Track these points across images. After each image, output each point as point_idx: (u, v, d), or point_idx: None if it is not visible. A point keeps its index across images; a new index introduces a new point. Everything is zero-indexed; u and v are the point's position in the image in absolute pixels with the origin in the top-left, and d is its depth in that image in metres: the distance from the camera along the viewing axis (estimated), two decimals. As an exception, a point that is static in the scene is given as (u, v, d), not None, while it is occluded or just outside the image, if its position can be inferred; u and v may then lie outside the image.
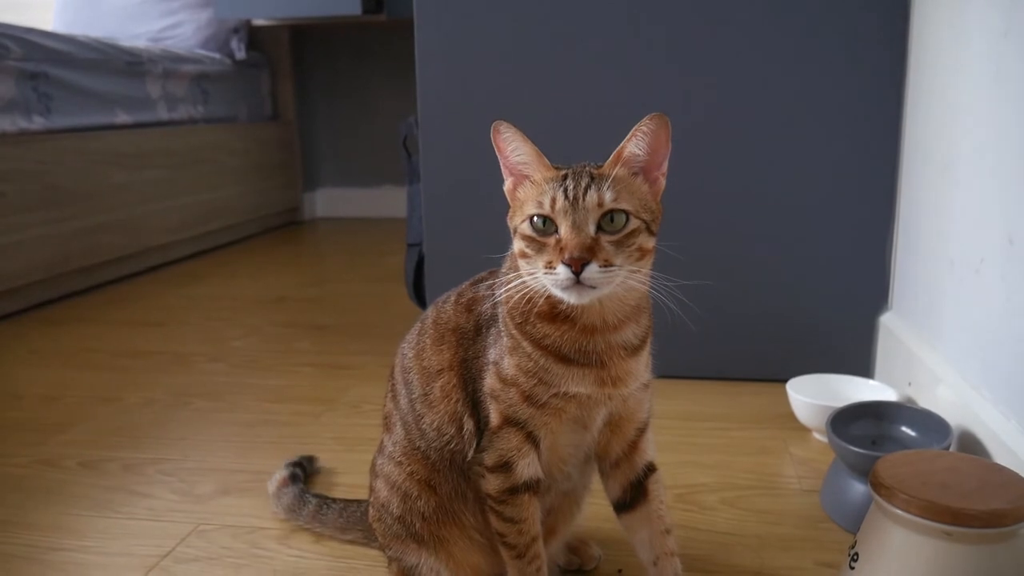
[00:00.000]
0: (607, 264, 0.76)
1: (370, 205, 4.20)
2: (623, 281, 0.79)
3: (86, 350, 2.08)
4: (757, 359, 1.71)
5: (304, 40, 4.15)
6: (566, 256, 0.76)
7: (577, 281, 0.75)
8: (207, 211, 3.39)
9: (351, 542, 1.13)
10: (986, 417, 1.12)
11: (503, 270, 0.88)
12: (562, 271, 0.76)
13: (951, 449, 1.16)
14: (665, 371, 1.42)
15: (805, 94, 1.60)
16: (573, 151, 0.90)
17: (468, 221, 1.73)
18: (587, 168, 0.81)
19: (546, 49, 1.68)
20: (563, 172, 0.81)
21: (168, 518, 1.22)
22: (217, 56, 3.61)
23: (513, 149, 0.84)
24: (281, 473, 1.25)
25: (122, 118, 2.93)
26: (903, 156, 1.58)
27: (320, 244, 3.82)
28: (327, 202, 4.33)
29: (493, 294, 0.87)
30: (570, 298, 0.78)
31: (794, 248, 1.66)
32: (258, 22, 3.88)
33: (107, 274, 2.82)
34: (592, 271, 0.75)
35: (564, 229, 0.77)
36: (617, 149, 0.82)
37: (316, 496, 1.18)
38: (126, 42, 3.10)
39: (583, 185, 0.78)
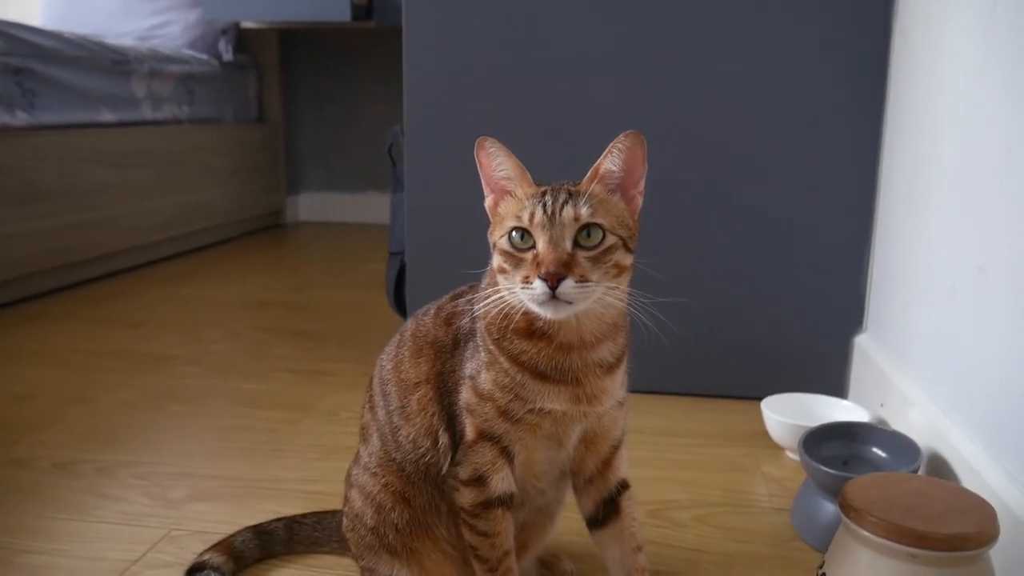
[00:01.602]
0: (583, 279, 0.77)
1: (354, 210, 4.20)
2: (600, 298, 0.80)
3: (62, 349, 2.07)
4: (733, 377, 1.73)
5: (292, 43, 4.15)
6: (542, 271, 0.77)
7: (553, 296, 0.76)
8: (189, 212, 3.38)
9: (326, 552, 1.13)
10: (954, 440, 1.14)
11: (482, 285, 0.89)
12: (539, 285, 0.77)
13: (920, 471, 1.17)
14: (641, 387, 1.43)
15: (785, 117, 1.63)
16: (559, 164, 0.91)
17: (450, 232, 1.73)
18: (565, 185, 0.82)
19: (534, 63, 1.69)
20: (542, 189, 0.82)
21: (140, 523, 1.21)
22: (204, 57, 3.60)
23: (498, 164, 0.85)
24: None
25: (106, 116, 2.92)
26: (880, 181, 1.61)
27: (302, 248, 3.81)
28: (311, 206, 4.32)
29: (472, 309, 0.88)
30: (546, 313, 0.79)
31: (772, 268, 1.68)
32: (247, 24, 3.87)
33: (86, 273, 2.80)
34: (568, 286, 0.76)
35: (541, 244, 0.78)
36: (594, 166, 0.83)
37: (273, 527, 1.13)
38: (113, 40, 3.08)
39: (560, 201, 0.80)
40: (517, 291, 0.79)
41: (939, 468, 1.17)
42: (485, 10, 1.69)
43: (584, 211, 0.79)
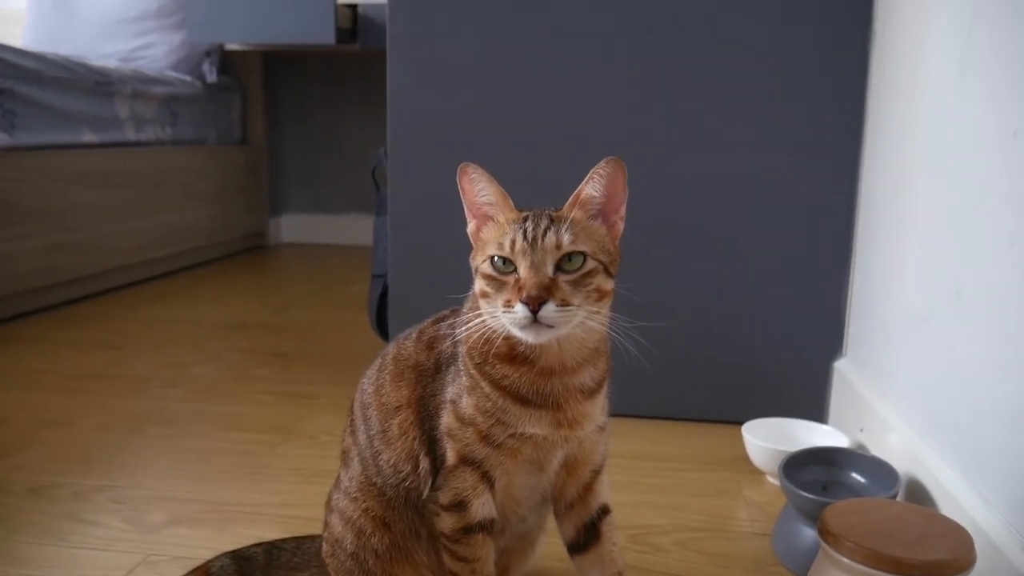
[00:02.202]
0: (564, 304, 0.78)
1: (337, 232, 4.19)
2: (582, 322, 0.80)
3: (39, 372, 2.05)
4: (714, 401, 1.73)
5: (276, 66, 4.17)
6: (524, 295, 0.77)
7: (535, 320, 0.77)
8: (172, 233, 3.37)
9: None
10: (932, 466, 1.15)
11: (464, 310, 0.89)
12: (520, 310, 0.77)
13: (899, 496, 1.18)
14: (623, 411, 1.43)
15: (764, 143, 1.65)
16: (542, 188, 0.92)
17: (433, 255, 1.74)
18: (546, 211, 0.83)
19: (518, 87, 1.70)
20: (524, 215, 0.83)
21: (117, 548, 1.20)
22: (188, 79, 3.61)
23: (480, 190, 0.86)
24: None
25: (89, 137, 2.91)
26: (859, 206, 1.63)
27: (285, 270, 3.80)
28: (293, 228, 4.31)
29: (454, 333, 0.88)
30: (528, 337, 0.79)
31: (753, 294, 1.69)
32: (231, 46, 3.88)
33: (66, 294, 2.78)
34: (549, 310, 0.77)
35: (523, 269, 0.79)
36: (575, 192, 0.84)
37: (252, 552, 1.11)
38: (96, 61, 3.08)
39: (542, 227, 0.80)
40: (499, 315, 0.80)
41: (917, 493, 1.18)
42: (469, 35, 1.70)
43: (566, 238, 0.80)
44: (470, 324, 0.83)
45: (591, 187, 0.84)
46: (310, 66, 4.14)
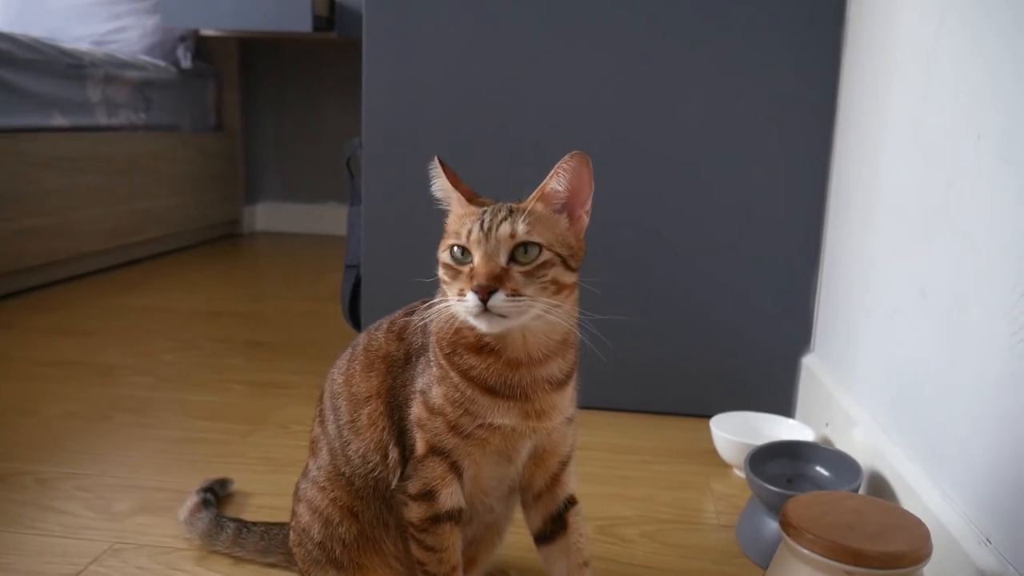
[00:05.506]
0: (515, 294, 0.78)
1: (312, 221, 4.17)
2: (541, 315, 0.81)
3: (5, 358, 2.02)
4: (684, 395, 1.75)
5: (252, 52, 4.13)
6: (474, 283, 0.78)
7: (485, 308, 0.78)
8: (144, 220, 3.33)
9: (272, 565, 1.12)
10: (893, 460, 1.17)
11: (435, 300, 0.89)
12: (471, 298, 0.78)
13: (861, 490, 1.20)
14: (592, 403, 1.44)
15: (735, 139, 1.66)
16: (516, 179, 0.92)
17: (407, 246, 1.73)
18: (508, 204, 0.84)
19: (493, 77, 1.70)
20: (485, 207, 0.84)
21: (83, 536, 1.19)
22: (162, 63, 3.57)
23: (439, 187, 0.87)
24: (193, 499, 1.20)
25: (59, 121, 2.87)
26: (829, 205, 1.65)
27: (259, 259, 3.78)
28: (268, 216, 4.29)
29: (424, 323, 0.89)
30: (481, 326, 0.80)
31: (723, 289, 1.71)
32: (206, 31, 3.84)
33: (34, 280, 2.74)
34: (498, 300, 0.77)
35: (476, 258, 0.80)
36: (540, 186, 0.85)
37: (234, 520, 1.16)
38: (68, 44, 3.03)
39: (499, 218, 0.81)
40: (453, 304, 0.81)
41: (879, 487, 1.20)
42: (445, 24, 1.70)
43: (521, 228, 0.80)
44: (433, 310, 0.84)
45: (556, 181, 0.84)
46: (287, 53, 4.11)
